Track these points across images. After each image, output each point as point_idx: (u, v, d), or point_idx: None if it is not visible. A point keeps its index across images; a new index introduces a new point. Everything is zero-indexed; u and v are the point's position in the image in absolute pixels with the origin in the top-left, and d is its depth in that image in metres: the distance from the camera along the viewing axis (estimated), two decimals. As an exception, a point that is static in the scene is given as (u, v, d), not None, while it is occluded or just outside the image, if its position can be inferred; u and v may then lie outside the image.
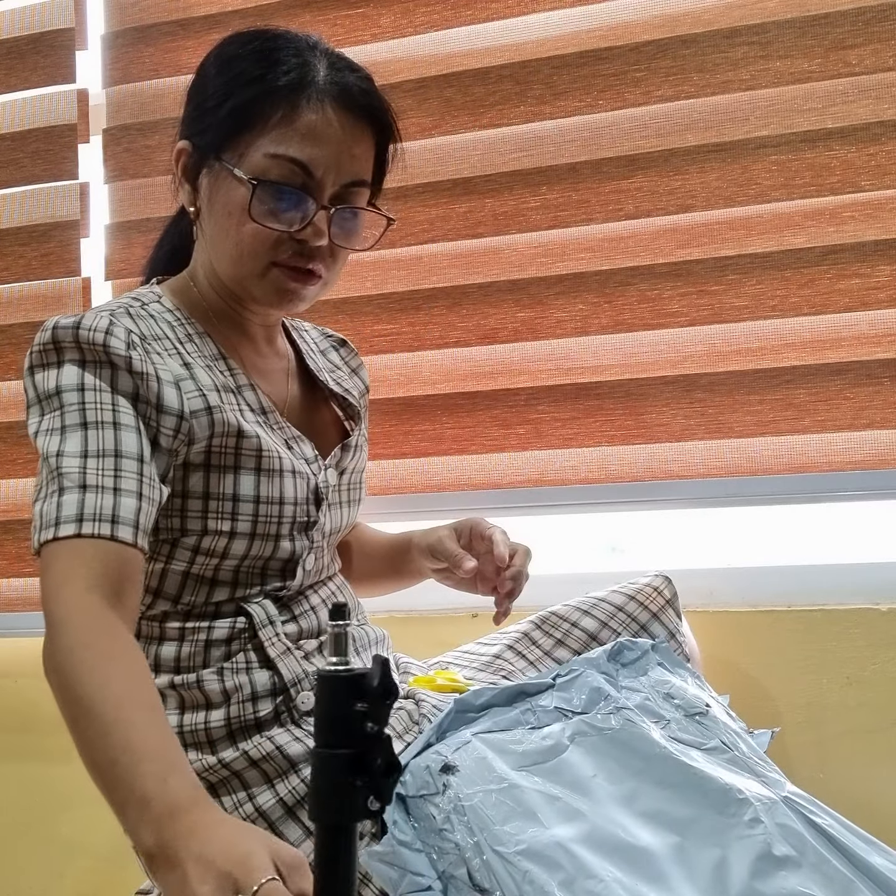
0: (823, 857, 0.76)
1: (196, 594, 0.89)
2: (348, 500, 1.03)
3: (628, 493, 1.33)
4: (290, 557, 0.92)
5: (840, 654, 1.25)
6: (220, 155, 0.89)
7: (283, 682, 0.88)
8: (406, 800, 0.80)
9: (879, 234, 1.26)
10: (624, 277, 1.32)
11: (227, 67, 0.90)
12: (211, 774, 0.85)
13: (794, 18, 1.27)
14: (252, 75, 0.88)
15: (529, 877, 0.72)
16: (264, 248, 0.89)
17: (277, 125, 0.87)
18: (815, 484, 1.28)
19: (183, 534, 0.87)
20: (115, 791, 0.64)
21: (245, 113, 0.87)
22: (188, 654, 0.88)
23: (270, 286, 0.91)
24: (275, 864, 0.56)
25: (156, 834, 0.60)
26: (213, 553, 0.88)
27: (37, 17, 1.50)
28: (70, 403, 0.82)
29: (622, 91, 1.32)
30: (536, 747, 0.82)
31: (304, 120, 0.87)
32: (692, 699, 0.90)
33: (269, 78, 0.87)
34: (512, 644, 1.09)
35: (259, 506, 0.89)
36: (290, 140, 0.87)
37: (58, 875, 1.48)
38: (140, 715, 0.67)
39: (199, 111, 0.92)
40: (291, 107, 0.87)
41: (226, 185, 0.89)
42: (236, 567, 0.90)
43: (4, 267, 1.51)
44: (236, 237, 0.89)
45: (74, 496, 0.77)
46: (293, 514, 0.92)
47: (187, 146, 0.92)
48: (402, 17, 1.40)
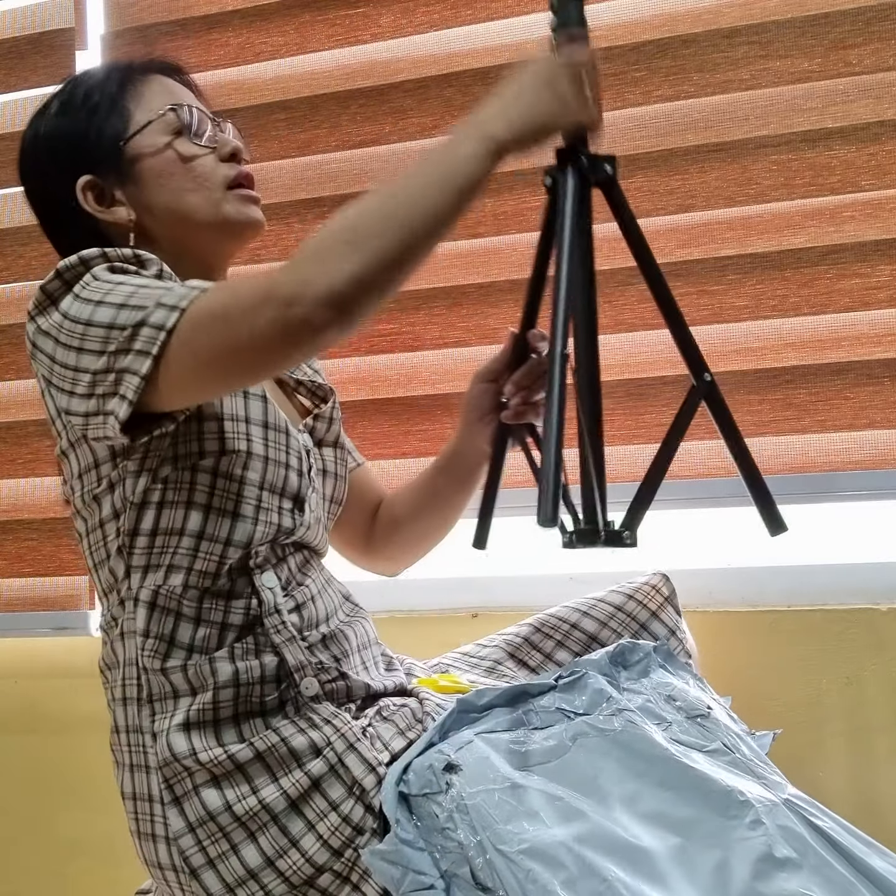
0: (824, 859, 0.76)
1: (218, 531, 0.89)
2: (331, 471, 1.04)
3: (628, 493, 1.33)
4: (297, 493, 0.94)
5: (840, 654, 1.25)
6: (126, 138, 0.97)
7: (287, 667, 0.89)
8: (409, 798, 0.80)
9: (879, 234, 1.26)
10: (624, 277, 1.32)
11: (67, 109, 0.99)
12: (215, 766, 0.85)
13: (794, 18, 1.27)
14: (97, 80, 1.00)
15: (532, 876, 0.73)
16: (213, 172, 0.98)
17: (145, 94, 0.99)
18: (815, 484, 1.28)
19: (201, 457, 0.89)
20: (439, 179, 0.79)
21: (117, 99, 0.98)
22: (203, 636, 0.89)
23: (236, 199, 0.99)
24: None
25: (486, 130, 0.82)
26: (231, 476, 0.90)
27: (37, 17, 1.50)
28: (114, 281, 0.86)
29: (622, 91, 1.32)
30: (539, 748, 0.82)
31: (161, 84, 1.01)
32: (694, 701, 0.90)
33: (113, 69, 1.01)
34: (513, 652, 1.09)
35: (268, 431, 0.93)
36: (163, 98, 1.00)
37: (58, 875, 1.48)
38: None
39: (73, 144, 0.98)
40: (145, 79, 1.00)
41: (150, 156, 0.97)
42: (256, 499, 0.91)
43: (4, 267, 1.51)
44: (189, 185, 0.97)
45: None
46: (297, 448, 0.95)
47: (87, 178, 0.97)
48: (402, 17, 1.39)
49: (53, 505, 1.48)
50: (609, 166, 0.92)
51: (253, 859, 0.84)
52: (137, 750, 0.90)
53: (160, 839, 0.87)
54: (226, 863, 0.84)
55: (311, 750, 0.86)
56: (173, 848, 0.86)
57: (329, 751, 0.86)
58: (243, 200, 0.99)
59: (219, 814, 0.85)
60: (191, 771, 0.86)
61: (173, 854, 0.86)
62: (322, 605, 0.96)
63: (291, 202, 1.43)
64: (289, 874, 0.83)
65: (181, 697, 0.88)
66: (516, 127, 0.83)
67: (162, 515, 0.89)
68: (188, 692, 0.89)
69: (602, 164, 0.92)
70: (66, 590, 1.47)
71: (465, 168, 0.80)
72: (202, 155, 0.98)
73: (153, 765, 0.88)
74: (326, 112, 1.42)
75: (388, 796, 0.81)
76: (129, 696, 0.92)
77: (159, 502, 0.89)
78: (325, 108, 1.42)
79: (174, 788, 0.86)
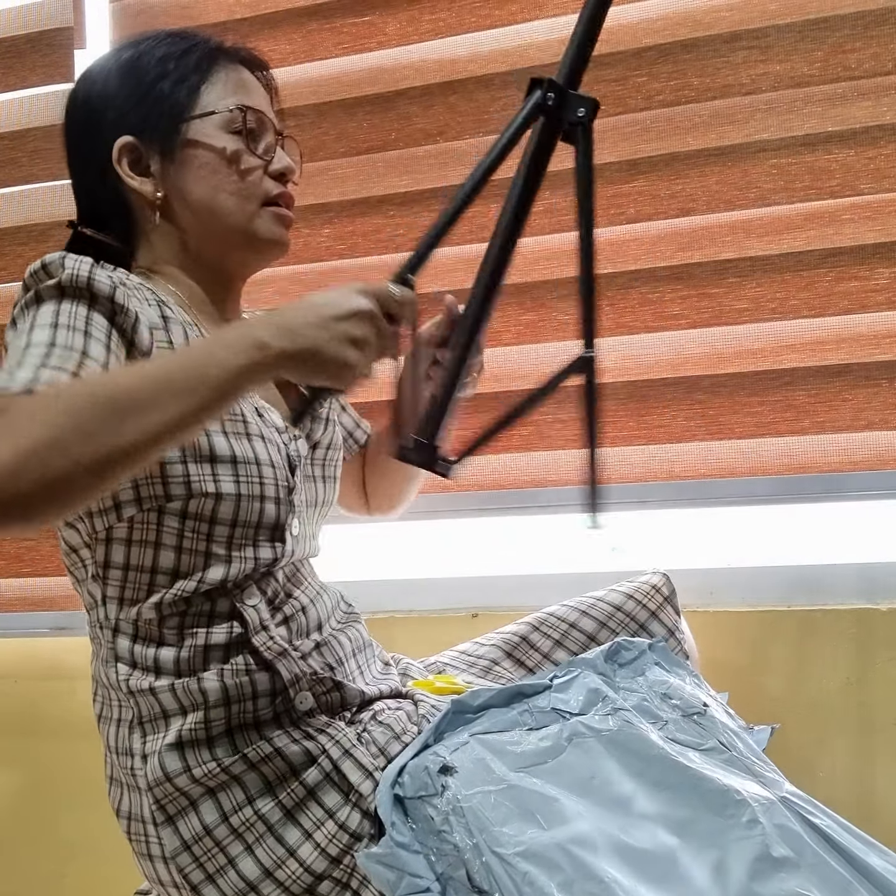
0: (822, 858, 0.76)
1: (192, 569, 0.87)
2: (322, 475, 1.01)
3: (628, 493, 1.33)
4: (276, 523, 0.91)
5: (840, 654, 1.25)
6: (186, 117, 0.93)
7: (282, 682, 0.88)
8: (404, 801, 0.80)
9: (878, 237, 1.26)
10: (625, 280, 1.32)
11: (135, 65, 0.95)
12: (210, 780, 0.85)
13: (794, 22, 1.27)
14: (179, 48, 0.95)
15: (529, 878, 0.72)
16: (256, 184, 0.95)
17: (224, 81, 0.95)
18: (815, 484, 1.28)
19: (168, 499, 0.85)
20: (183, 397, 0.68)
21: (193, 75, 0.94)
22: (188, 658, 0.87)
23: (269, 216, 0.96)
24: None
25: (258, 339, 0.71)
26: (201, 517, 0.86)
27: (35, 16, 1.49)
28: (43, 323, 0.79)
29: (623, 96, 1.33)
30: (534, 748, 0.82)
31: (240, 76, 0.97)
32: (690, 699, 0.90)
33: (198, 43, 0.96)
34: (510, 651, 1.09)
35: (237, 466, 0.87)
36: (237, 93, 0.96)
37: (58, 875, 1.48)
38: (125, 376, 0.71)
39: (130, 102, 0.94)
40: (226, 66, 0.96)
41: (202, 145, 0.94)
42: (228, 538, 0.88)
43: (3, 267, 1.51)
44: (229, 187, 0.94)
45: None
46: (274, 476, 0.90)
47: (128, 139, 0.94)
48: (408, 25, 1.40)
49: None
50: (584, 109, 0.83)
51: (251, 871, 0.83)
52: (127, 772, 0.89)
53: (157, 859, 0.86)
54: (225, 877, 0.83)
55: (306, 758, 0.85)
56: (171, 866, 0.85)
57: (324, 758, 0.85)
58: (276, 219, 0.97)
59: (214, 827, 0.84)
60: (183, 790, 0.85)
61: (172, 872, 0.85)
62: (315, 614, 0.95)
63: (299, 207, 1.43)
64: (288, 884, 0.83)
65: (172, 717, 0.87)
66: (286, 336, 0.72)
67: (131, 553, 0.87)
68: (178, 711, 0.87)
69: (577, 105, 0.82)
70: (65, 590, 1.46)
71: (214, 379, 0.69)
72: (253, 164, 0.95)
73: (143, 787, 0.86)
74: (333, 119, 1.43)
75: (383, 799, 0.80)
76: (121, 718, 0.90)
77: (127, 539, 0.87)
78: (332, 114, 1.43)
79: (166, 808, 0.85)
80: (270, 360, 0.72)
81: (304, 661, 0.90)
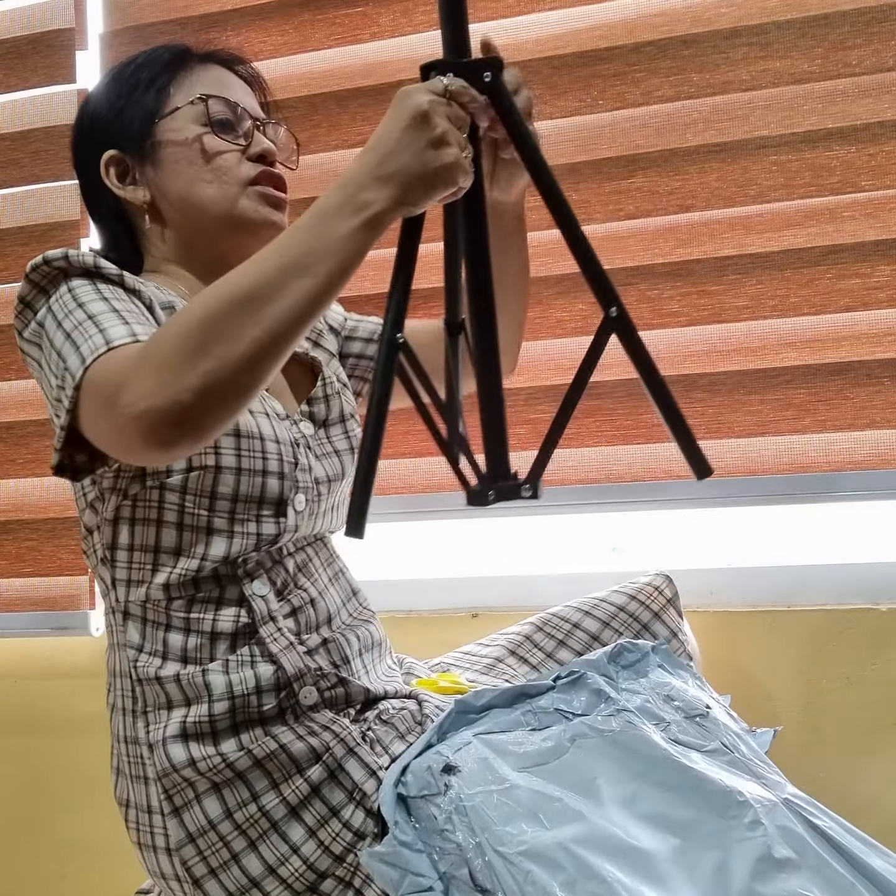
0: (823, 859, 0.76)
1: (194, 546, 0.88)
2: (335, 450, 1.01)
3: (628, 493, 1.33)
4: (280, 498, 0.91)
5: (840, 654, 1.25)
6: (157, 119, 0.95)
7: (286, 676, 0.88)
8: (407, 800, 0.80)
9: (879, 234, 1.26)
10: (624, 277, 1.32)
11: (117, 79, 0.98)
12: (215, 775, 0.85)
13: (794, 19, 1.27)
14: (152, 57, 0.98)
15: (531, 877, 0.72)
16: (234, 168, 0.96)
17: (191, 80, 0.98)
18: (815, 484, 1.28)
19: (168, 475, 0.86)
20: (324, 264, 0.71)
21: (161, 78, 0.97)
22: (195, 646, 0.88)
23: (254, 196, 0.97)
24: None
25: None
26: (201, 492, 0.87)
27: (37, 17, 1.50)
28: (90, 299, 0.82)
29: (622, 91, 1.32)
30: (537, 749, 0.82)
31: (212, 73, 0.99)
32: (692, 701, 0.90)
33: (169, 49, 0.99)
34: (514, 649, 1.09)
35: (240, 440, 0.88)
36: (209, 89, 0.97)
37: (58, 875, 1.48)
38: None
39: (111, 116, 0.97)
40: (195, 66, 0.99)
41: (173, 142, 0.95)
42: (230, 512, 0.88)
43: (4, 267, 1.51)
44: (206, 176, 0.95)
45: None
46: (278, 452, 0.91)
47: (112, 153, 0.96)
48: (402, 17, 1.39)
49: (53, 505, 1.48)
50: (489, 72, 0.79)
51: (255, 868, 0.83)
52: (136, 761, 0.90)
53: (161, 850, 0.87)
54: (227, 872, 0.84)
55: (311, 756, 0.86)
56: (175, 858, 0.85)
57: (328, 756, 0.86)
58: (260, 198, 0.97)
59: (219, 822, 0.84)
60: (190, 781, 0.85)
61: (175, 864, 0.86)
62: (323, 607, 0.95)
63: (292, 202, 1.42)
64: (291, 881, 0.83)
65: (175, 708, 0.87)
66: (381, 182, 0.73)
67: (135, 532, 0.89)
68: (182, 702, 0.87)
69: (479, 70, 0.79)
70: (66, 590, 1.46)
71: (337, 250, 0.72)
72: (226, 151, 0.96)
73: (152, 776, 0.87)
74: (326, 111, 1.42)
75: (387, 798, 0.80)
76: (125, 707, 0.91)
77: (131, 518, 0.89)
78: (325, 107, 1.42)
79: (174, 799, 0.86)
80: (387, 209, 0.74)
81: (309, 656, 0.91)
